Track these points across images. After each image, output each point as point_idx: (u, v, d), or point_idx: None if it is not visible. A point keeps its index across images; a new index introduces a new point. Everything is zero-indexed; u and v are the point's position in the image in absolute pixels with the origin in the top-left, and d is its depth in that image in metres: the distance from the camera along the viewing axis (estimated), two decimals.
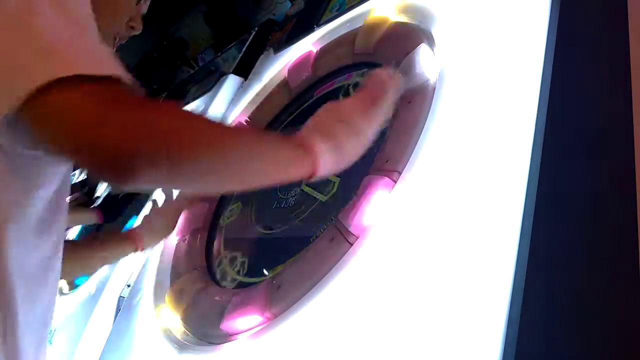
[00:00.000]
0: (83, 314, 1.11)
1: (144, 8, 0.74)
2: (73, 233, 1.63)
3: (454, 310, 0.46)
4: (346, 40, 1.02)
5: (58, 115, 0.40)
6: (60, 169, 0.57)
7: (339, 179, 0.78)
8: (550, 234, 0.45)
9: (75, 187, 1.62)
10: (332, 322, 0.56)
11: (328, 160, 0.53)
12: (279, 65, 1.28)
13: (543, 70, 0.56)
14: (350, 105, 0.58)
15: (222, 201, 1.09)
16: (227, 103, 1.47)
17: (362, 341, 0.51)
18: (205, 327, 0.76)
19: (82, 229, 1.63)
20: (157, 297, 0.94)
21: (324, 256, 0.64)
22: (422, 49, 0.75)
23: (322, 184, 0.80)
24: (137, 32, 0.74)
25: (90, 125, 0.39)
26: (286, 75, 1.17)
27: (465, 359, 0.42)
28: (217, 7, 2.42)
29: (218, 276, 0.88)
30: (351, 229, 0.63)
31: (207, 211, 1.05)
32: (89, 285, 1.24)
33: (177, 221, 0.97)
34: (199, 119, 0.48)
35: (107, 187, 1.65)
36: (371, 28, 0.93)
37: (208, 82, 1.81)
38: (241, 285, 0.80)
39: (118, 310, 1.06)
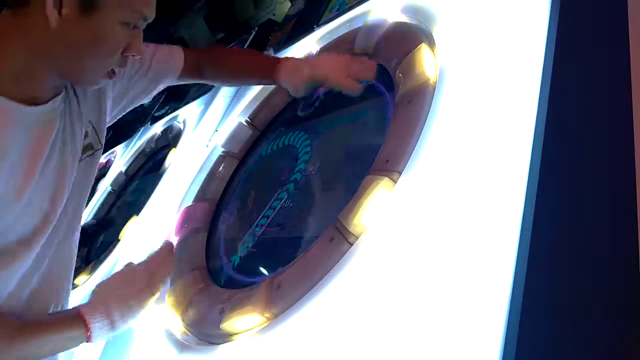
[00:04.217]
0: None
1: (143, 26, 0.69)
2: None
3: (454, 310, 0.46)
4: (346, 40, 1.02)
5: None
6: None
7: None
8: (550, 234, 0.45)
9: None
10: (332, 322, 0.56)
11: (100, 334, 0.69)
12: None
13: (543, 70, 0.56)
14: (130, 287, 0.72)
15: (222, 202, 1.09)
16: (227, 103, 1.47)
17: (362, 341, 0.51)
18: (205, 327, 0.76)
19: None
20: (157, 297, 0.94)
21: (324, 256, 0.64)
22: (422, 49, 0.75)
23: None
24: (138, 57, 0.71)
25: None
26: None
27: (465, 359, 0.42)
28: (217, 7, 2.42)
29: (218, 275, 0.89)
30: (351, 229, 0.63)
31: (207, 211, 1.05)
32: (89, 285, 1.24)
33: (309, 85, 0.90)
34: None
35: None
36: (371, 28, 0.93)
37: None
38: (240, 285, 0.80)
39: None
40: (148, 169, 1.84)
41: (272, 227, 0.87)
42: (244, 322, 0.68)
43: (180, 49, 0.95)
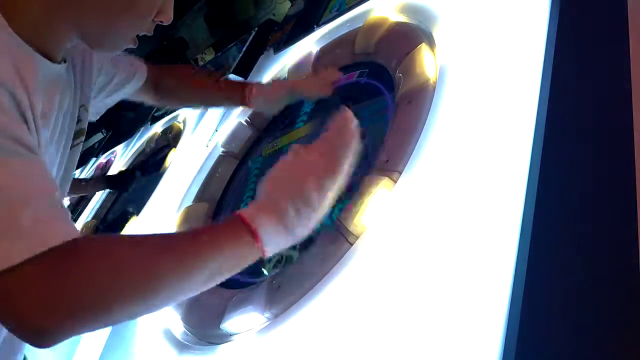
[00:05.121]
0: None
1: None
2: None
3: (454, 310, 0.46)
4: (346, 40, 1.02)
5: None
6: None
7: None
8: (550, 233, 0.45)
9: None
10: (332, 322, 0.56)
11: (275, 242, 0.51)
12: (279, 66, 1.28)
13: (543, 70, 0.56)
14: (306, 173, 0.53)
15: (222, 202, 1.09)
16: None
17: (362, 341, 0.51)
18: (205, 327, 0.76)
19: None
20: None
21: (324, 256, 0.64)
22: (422, 49, 0.75)
23: None
24: (166, 24, 0.66)
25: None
26: (286, 75, 1.17)
27: (465, 359, 0.42)
28: (217, 7, 2.42)
29: None
30: (351, 229, 0.63)
31: (207, 211, 1.05)
32: None
33: (283, 104, 0.99)
34: (126, 255, 0.45)
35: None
36: (371, 28, 0.93)
37: None
38: (240, 285, 0.80)
39: None
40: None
41: None
42: (244, 322, 0.68)
43: (142, 61, 0.93)
